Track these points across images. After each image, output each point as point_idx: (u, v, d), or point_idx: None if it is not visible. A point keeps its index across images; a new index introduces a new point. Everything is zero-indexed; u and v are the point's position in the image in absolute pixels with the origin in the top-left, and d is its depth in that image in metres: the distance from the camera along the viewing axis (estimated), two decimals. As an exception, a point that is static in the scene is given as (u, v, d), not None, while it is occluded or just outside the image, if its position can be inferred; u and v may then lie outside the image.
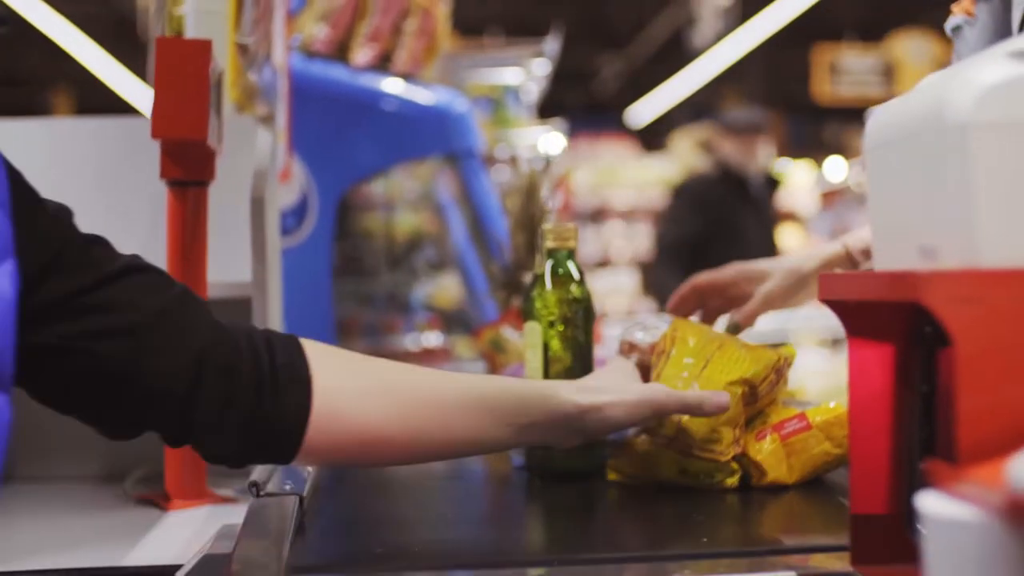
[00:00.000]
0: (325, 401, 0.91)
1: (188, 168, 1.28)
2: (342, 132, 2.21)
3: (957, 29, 1.17)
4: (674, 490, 1.12)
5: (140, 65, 10.48)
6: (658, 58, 10.89)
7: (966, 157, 0.67)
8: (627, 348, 1.28)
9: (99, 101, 11.00)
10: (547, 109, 4.30)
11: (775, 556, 0.88)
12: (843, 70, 8.28)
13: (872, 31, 8.98)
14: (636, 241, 7.27)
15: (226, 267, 1.38)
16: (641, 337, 1.28)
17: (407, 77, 2.36)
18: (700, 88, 11.00)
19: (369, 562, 0.89)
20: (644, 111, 12.68)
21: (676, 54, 9.59)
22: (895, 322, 0.80)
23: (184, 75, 1.22)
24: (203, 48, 1.23)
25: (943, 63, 1.40)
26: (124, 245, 1.48)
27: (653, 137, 12.69)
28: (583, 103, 13.01)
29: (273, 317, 1.50)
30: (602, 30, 11.58)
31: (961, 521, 0.57)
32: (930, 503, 0.59)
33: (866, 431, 0.82)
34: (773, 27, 8.46)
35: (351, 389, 0.93)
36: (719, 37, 7.64)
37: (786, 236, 6.97)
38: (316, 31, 2.20)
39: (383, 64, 2.33)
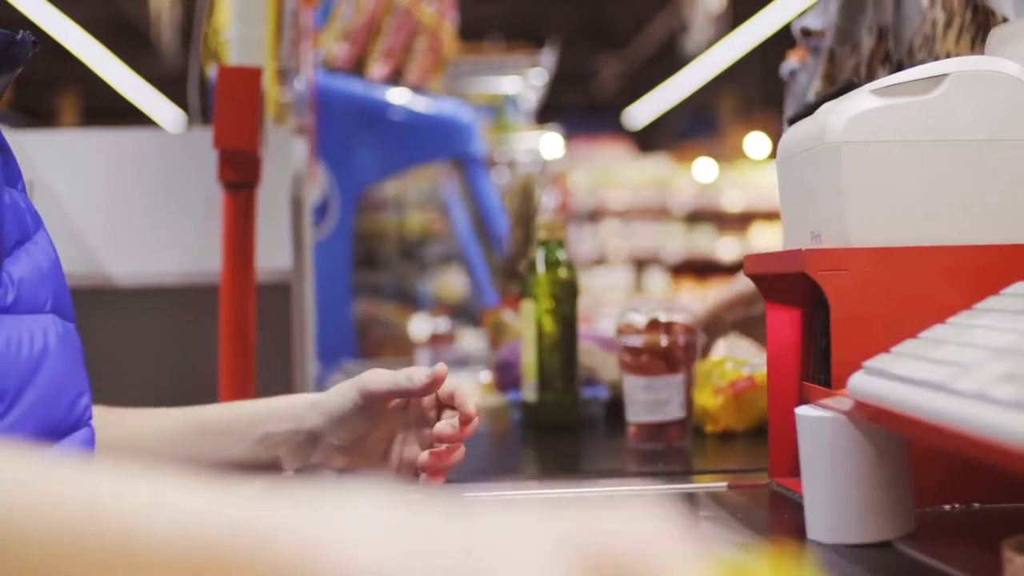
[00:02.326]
0: None
1: (241, 172, 1.53)
2: (360, 139, 2.46)
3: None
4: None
5: (144, 66, 10.67)
6: (656, 59, 11.09)
7: (839, 166, 0.93)
8: (625, 329, 1.39)
9: (104, 102, 11.24)
10: (547, 110, 4.50)
11: (713, 474, 1.14)
12: (832, 74, 8.49)
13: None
14: (632, 240, 7.52)
15: (270, 256, 1.64)
16: (637, 319, 1.39)
17: (417, 89, 2.61)
18: (697, 90, 11.21)
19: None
20: (641, 112, 12.88)
21: (674, 56, 9.80)
22: (801, 291, 1.05)
23: (240, 97, 1.47)
24: (255, 75, 1.48)
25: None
26: (181, 240, 1.74)
27: (649, 138, 12.90)
28: (583, 104, 13.21)
29: (308, 299, 1.75)
30: (602, 32, 11.77)
31: (822, 419, 0.82)
32: (802, 410, 0.85)
33: (780, 374, 1.07)
34: (768, 30, 8.67)
35: None
36: (711, 43, 7.87)
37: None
38: (336, 48, 2.45)
39: (396, 78, 2.58)
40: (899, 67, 1.31)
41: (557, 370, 1.47)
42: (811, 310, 1.04)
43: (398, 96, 2.57)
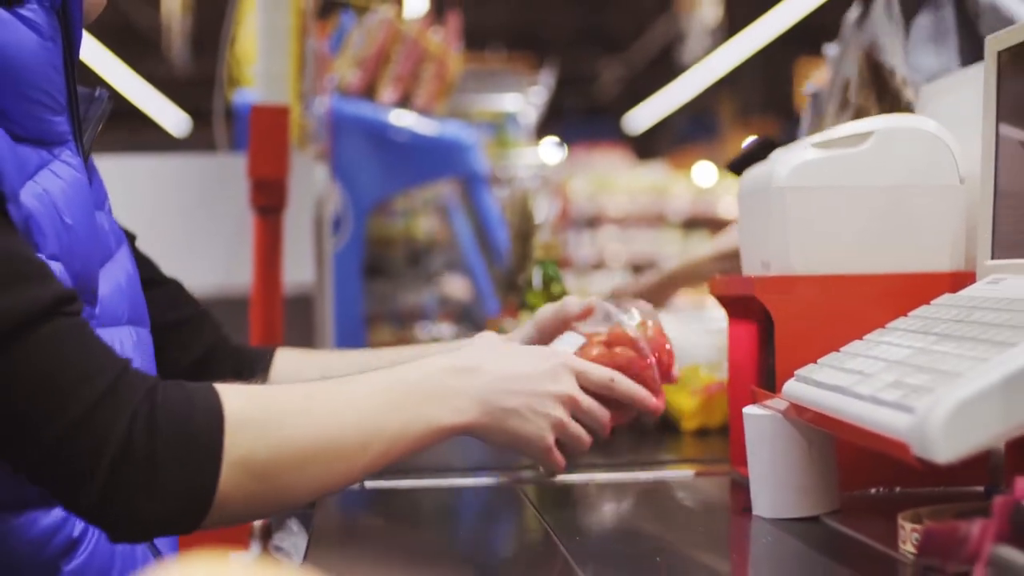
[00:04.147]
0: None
1: (271, 198, 1.72)
2: (372, 159, 2.65)
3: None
4: (626, 432, 1.56)
5: (148, 69, 10.80)
6: (657, 62, 11.24)
7: (783, 207, 1.11)
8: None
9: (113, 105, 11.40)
10: (548, 116, 4.67)
11: (684, 464, 1.32)
12: (825, 83, 8.68)
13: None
14: (630, 245, 7.70)
15: (296, 271, 1.83)
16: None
17: (424, 112, 2.81)
18: (698, 95, 11.37)
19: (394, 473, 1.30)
20: (642, 116, 13.02)
21: (675, 60, 9.96)
22: (756, 309, 1.24)
23: (271, 132, 1.66)
24: (284, 113, 1.67)
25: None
26: (214, 258, 1.92)
27: (649, 142, 13.07)
28: (583, 107, 13.37)
29: (328, 309, 1.94)
30: (603, 35, 11.94)
31: (762, 416, 1.01)
32: (749, 409, 1.04)
33: (740, 379, 1.26)
34: (768, 36, 8.84)
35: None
36: (706, 53, 8.05)
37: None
38: (350, 75, 2.64)
39: (405, 102, 2.77)
40: (856, 115, 1.49)
41: (552, 374, 1.66)
42: (765, 326, 1.23)
43: (406, 119, 2.76)
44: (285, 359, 1.31)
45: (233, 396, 0.85)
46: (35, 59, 0.86)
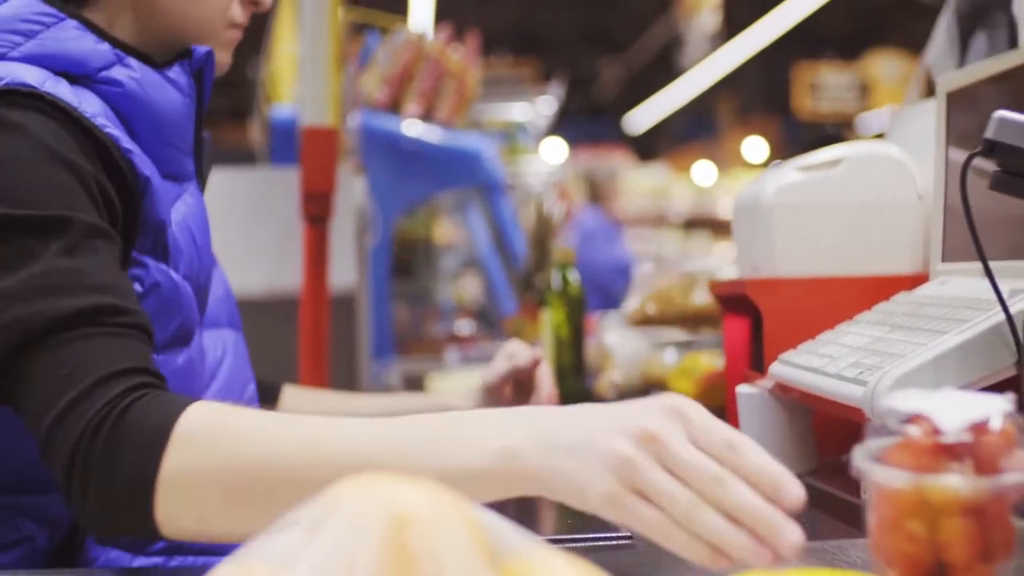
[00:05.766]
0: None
1: (320, 208, 1.93)
2: (399, 168, 2.86)
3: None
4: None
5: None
6: (658, 62, 11.39)
7: (770, 221, 1.33)
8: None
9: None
10: (553, 122, 4.88)
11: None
12: (822, 87, 8.91)
13: (850, 49, 9.58)
14: (632, 246, 7.90)
15: (340, 274, 2.04)
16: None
17: (445, 126, 3.03)
18: (698, 95, 11.52)
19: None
20: (642, 116, 13.16)
21: (674, 61, 10.12)
22: (749, 306, 1.45)
23: (321, 150, 1.88)
24: (332, 134, 1.89)
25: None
26: (264, 262, 2.14)
27: (649, 142, 13.24)
28: (584, 107, 13.53)
29: (365, 307, 2.15)
30: (604, 36, 12.10)
31: (752, 394, 1.23)
32: (740, 388, 1.25)
33: (735, 364, 1.48)
34: (765, 40, 9.02)
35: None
36: (705, 56, 8.24)
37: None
38: (376, 91, 2.86)
39: (427, 115, 2.99)
40: None
41: (569, 366, 1.88)
42: (756, 320, 1.45)
43: (429, 132, 2.98)
44: (291, 396, 1.40)
45: (196, 411, 0.81)
46: (178, 113, 1.07)
